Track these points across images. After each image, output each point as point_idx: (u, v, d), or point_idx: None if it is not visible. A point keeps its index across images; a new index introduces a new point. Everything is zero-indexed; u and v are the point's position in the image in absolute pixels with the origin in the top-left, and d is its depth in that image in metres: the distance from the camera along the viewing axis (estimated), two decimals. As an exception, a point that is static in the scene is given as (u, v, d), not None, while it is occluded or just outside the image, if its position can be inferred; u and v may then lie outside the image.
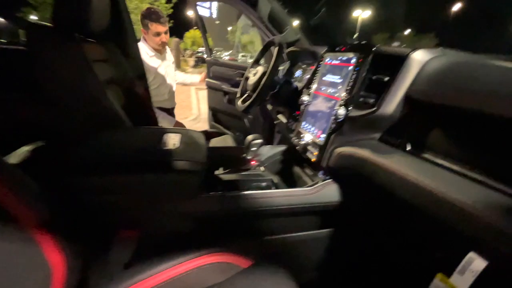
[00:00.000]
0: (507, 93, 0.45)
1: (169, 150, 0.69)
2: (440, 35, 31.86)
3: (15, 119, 0.90)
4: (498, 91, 0.46)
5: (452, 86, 0.53)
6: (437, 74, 0.57)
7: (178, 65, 10.53)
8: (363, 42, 0.77)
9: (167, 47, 1.85)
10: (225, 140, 1.52)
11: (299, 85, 1.25)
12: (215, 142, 1.53)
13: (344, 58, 0.81)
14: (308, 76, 1.24)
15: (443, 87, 0.55)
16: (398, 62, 0.64)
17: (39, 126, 0.87)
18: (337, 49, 0.87)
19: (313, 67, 1.19)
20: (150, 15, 1.61)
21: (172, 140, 0.74)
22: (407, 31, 35.11)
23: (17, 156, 0.77)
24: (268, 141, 1.79)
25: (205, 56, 2.32)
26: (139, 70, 1.51)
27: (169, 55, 1.89)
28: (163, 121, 1.76)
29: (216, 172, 0.93)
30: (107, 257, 0.62)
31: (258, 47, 1.60)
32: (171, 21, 12.47)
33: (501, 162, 0.46)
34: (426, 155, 0.58)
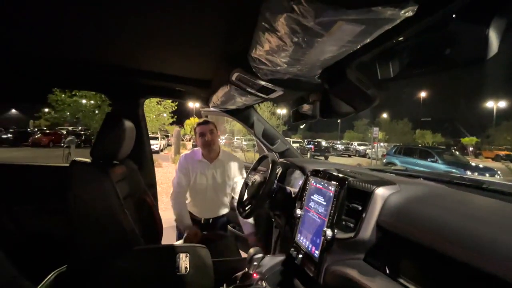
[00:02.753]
0: (449, 232, 0.60)
1: (182, 275, 0.78)
2: (412, 120, 36.16)
3: (42, 243, 1.00)
4: (443, 229, 0.61)
5: (406, 222, 0.70)
6: (395, 209, 0.75)
7: (178, 151, 11.21)
8: (340, 175, 0.98)
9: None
10: (227, 244, 1.58)
11: (292, 190, 1.43)
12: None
13: (325, 185, 1.01)
14: (298, 182, 1.44)
15: (400, 222, 0.71)
16: (366, 195, 0.83)
17: (63, 250, 0.97)
18: (319, 174, 1.09)
19: (302, 176, 1.40)
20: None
21: (183, 263, 0.84)
22: (384, 115, 39.61)
23: (47, 283, 0.84)
24: (267, 241, 1.85)
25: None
26: (152, 180, 1.71)
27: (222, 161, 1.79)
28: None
29: (221, 289, 0.98)
30: None
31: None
32: (175, 116, 13.94)
33: None
34: (402, 280, 0.69)
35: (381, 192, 0.82)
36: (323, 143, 23.13)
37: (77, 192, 1.02)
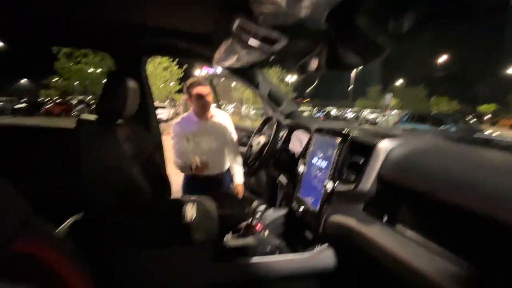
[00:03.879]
0: (450, 182, 0.60)
1: (188, 223, 0.83)
2: (429, 86, 34.04)
3: (58, 191, 1.06)
4: (444, 179, 0.61)
5: (408, 173, 0.70)
6: (397, 162, 0.74)
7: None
8: (343, 130, 0.97)
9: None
10: (231, 200, 1.65)
11: (296, 151, 1.44)
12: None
13: (329, 140, 1.01)
14: (302, 143, 1.45)
15: (402, 173, 0.71)
16: (369, 149, 0.82)
17: (79, 198, 1.03)
18: (323, 131, 1.08)
19: (307, 136, 1.40)
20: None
21: (190, 212, 0.89)
22: (399, 82, 37.60)
23: (65, 227, 0.91)
24: (271, 199, 1.91)
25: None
26: (158, 141, 1.74)
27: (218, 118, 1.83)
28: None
29: (226, 238, 1.05)
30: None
31: (259, 100, 1.82)
32: (182, 83, 13.77)
33: (454, 237, 0.60)
34: (399, 227, 0.71)
35: (384, 145, 0.81)
36: (333, 112, 22.59)
37: (85, 148, 1.06)
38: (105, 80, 1.14)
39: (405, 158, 0.74)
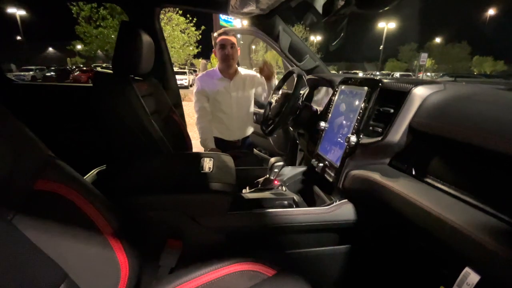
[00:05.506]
0: (495, 130, 0.52)
1: (205, 173, 0.83)
2: (473, 43, 29.99)
3: (81, 146, 1.11)
4: (488, 127, 0.53)
5: (447, 120, 0.61)
6: (435, 108, 0.65)
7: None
8: (371, 77, 0.86)
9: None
10: (251, 161, 1.65)
11: (319, 108, 1.36)
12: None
13: (355, 91, 0.91)
14: (325, 100, 1.35)
15: (440, 120, 0.63)
16: (401, 96, 0.73)
17: (101, 152, 1.08)
18: (349, 81, 0.98)
19: (330, 92, 1.29)
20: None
21: (207, 164, 0.89)
22: (437, 40, 33.54)
23: (90, 177, 0.96)
24: (291, 159, 1.89)
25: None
26: (177, 100, 1.72)
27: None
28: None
29: (244, 191, 1.05)
30: (157, 262, 0.76)
31: (281, 63, 1.74)
32: (200, 46, 13.42)
33: (493, 189, 0.53)
34: (429, 180, 0.65)
35: (420, 91, 0.71)
36: (360, 75, 21.10)
37: (105, 102, 1.06)
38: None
39: (445, 104, 0.65)
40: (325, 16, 0.93)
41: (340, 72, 24.35)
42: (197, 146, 1.77)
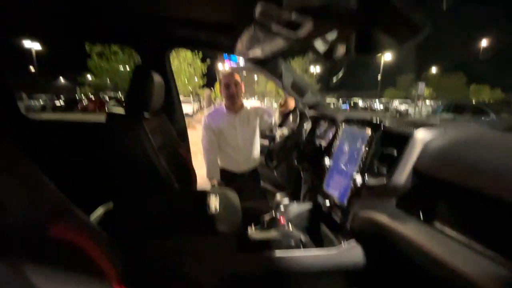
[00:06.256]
0: (495, 176, 0.53)
1: (211, 214, 0.83)
2: (469, 72, 30.92)
3: (89, 181, 1.12)
4: (488, 172, 0.54)
5: (449, 165, 0.62)
6: (437, 153, 0.67)
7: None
8: (374, 120, 0.90)
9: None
10: (256, 194, 1.65)
11: (322, 142, 1.38)
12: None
13: (358, 131, 0.94)
14: (328, 135, 1.38)
15: (442, 165, 0.64)
16: (403, 139, 0.75)
17: (110, 188, 1.09)
18: (351, 121, 1.01)
19: (333, 128, 1.33)
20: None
21: (213, 204, 0.89)
22: (433, 70, 34.67)
23: (96, 215, 0.96)
24: (295, 191, 1.88)
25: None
26: (183, 133, 1.77)
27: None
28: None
29: (249, 230, 1.04)
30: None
31: (282, 92, 1.80)
32: (205, 76, 14.07)
33: (502, 237, 0.52)
34: (437, 225, 0.64)
35: (421, 135, 0.73)
36: (360, 103, 21.52)
37: (115, 140, 1.10)
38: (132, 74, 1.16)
39: (446, 149, 0.67)
40: (326, 59, 0.99)
41: (340, 100, 24.96)
42: (201, 175, 1.79)
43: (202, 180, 1.82)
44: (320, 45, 1.08)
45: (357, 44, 0.83)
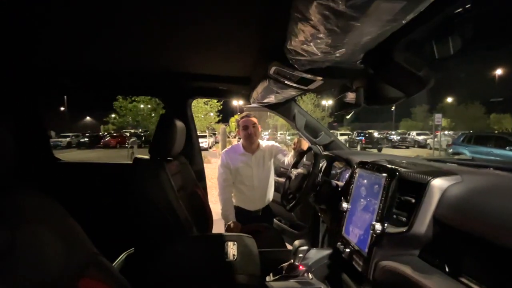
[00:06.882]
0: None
1: (230, 262, 0.84)
2: (486, 103, 30.22)
3: (112, 226, 1.17)
4: (508, 223, 0.53)
5: (468, 216, 0.62)
6: (455, 202, 0.67)
7: (225, 147, 11.83)
8: (389, 165, 0.91)
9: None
10: (272, 236, 1.62)
11: (338, 183, 1.38)
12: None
13: (374, 177, 0.96)
14: (344, 176, 1.38)
15: (461, 216, 0.63)
16: (420, 187, 0.76)
17: (132, 232, 1.13)
18: (366, 166, 1.03)
19: (348, 169, 1.34)
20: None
21: (231, 250, 0.90)
22: (448, 100, 34.17)
23: (119, 262, 0.99)
24: (313, 233, 1.83)
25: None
26: (201, 174, 1.84)
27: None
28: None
29: (267, 279, 1.01)
30: None
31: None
32: (221, 115, 14.75)
33: None
34: (464, 279, 0.62)
35: (438, 183, 0.74)
36: (375, 134, 21.25)
37: (139, 184, 1.17)
38: (157, 122, 1.28)
39: (465, 199, 0.66)
40: (338, 111, 1.05)
41: (355, 132, 24.79)
42: (216, 211, 1.80)
43: (217, 216, 1.84)
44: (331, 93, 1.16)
45: (367, 96, 0.89)
